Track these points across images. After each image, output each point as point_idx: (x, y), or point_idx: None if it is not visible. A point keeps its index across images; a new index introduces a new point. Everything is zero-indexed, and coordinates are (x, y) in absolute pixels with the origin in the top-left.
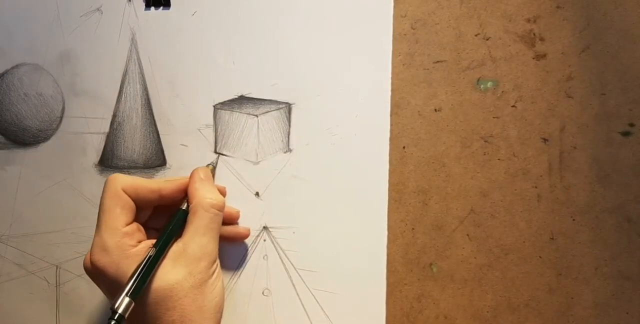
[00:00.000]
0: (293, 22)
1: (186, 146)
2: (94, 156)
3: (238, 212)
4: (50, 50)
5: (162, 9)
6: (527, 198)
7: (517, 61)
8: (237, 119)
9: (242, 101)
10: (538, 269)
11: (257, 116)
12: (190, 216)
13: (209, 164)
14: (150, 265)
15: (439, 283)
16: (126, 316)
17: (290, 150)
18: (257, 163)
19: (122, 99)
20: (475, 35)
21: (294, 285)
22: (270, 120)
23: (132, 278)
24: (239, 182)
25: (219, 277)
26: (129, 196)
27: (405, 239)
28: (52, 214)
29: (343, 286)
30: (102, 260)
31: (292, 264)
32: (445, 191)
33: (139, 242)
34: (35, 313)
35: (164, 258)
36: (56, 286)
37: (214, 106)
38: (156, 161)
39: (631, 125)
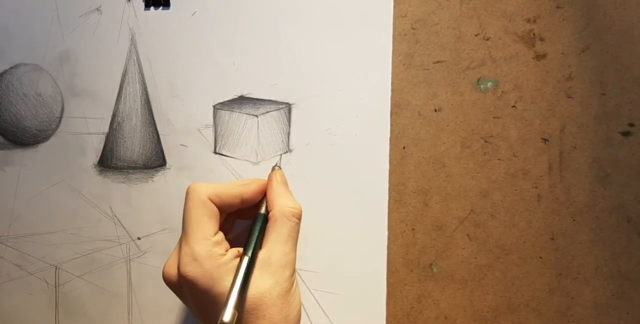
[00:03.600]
0: (293, 22)
1: (186, 146)
2: (94, 156)
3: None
4: (49, 50)
5: (162, 9)
6: (527, 198)
7: (517, 61)
8: (237, 119)
9: (242, 101)
10: (538, 270)
11: (257, 116)
12: (271, 223)
13: (276, 165)
14: (247, 272)
15: (439, 283)
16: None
17: (290, 150)
18: (257, 163)
19: (122, 99)
20: (475, 36)
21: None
22: (270, 120)
23: (235, 287)
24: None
25: (298, 286)
26: (214, 203)
27: (406, 239)
28: (51, 215)
29: (343, 287)
30: (194, 270)
31: None
32: (445, 191)
33: (226, 251)
34: (35, 314)
35: (253, 265)
36: (55, 287)
37: (213, 106)
38: (156, 161)
39: (631, 125)
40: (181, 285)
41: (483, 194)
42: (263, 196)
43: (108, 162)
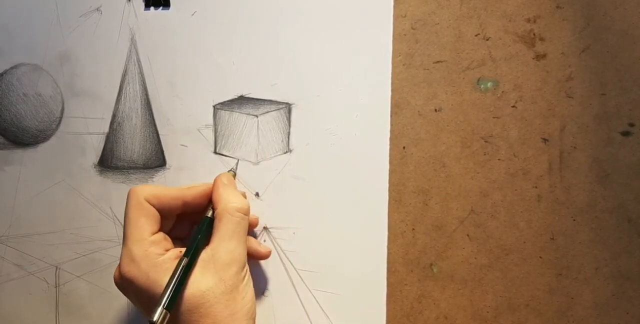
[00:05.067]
0: (293, 22)
1: (186, 146)
2: (94, 156)
3: (269, 252)
4: (49, 50)
5: (162, 9)
6: (528, 198)
7: (517, 61)
8: (237, 120)
9: (242, 101)
10: (538, 270)
11: (257, 116)
12: (216, 222)
13: (230, 170)
14: (183, 275)
15: (439, 283)
16: None
17: (290, 150)
18: (257, 163)
19: (122, 99)
20: (475, 36)
21: (294, 285)
22: (270, 120)
23: (167, 289)
24: (238, 182)
25: (249, 282)
26: (153, 205)
27: (406, 239)
28: (51, 215)
29: (343, 287)
30: (132, 271)
31: (292, 265)
32: (445, 191)
33: (167, 250)
34: (35, 314)
35: (193, 265)
36: (56, 287)
37: (213, 106)
38: (156, 161)
39: (631, 125)
40: (124, 285)
41: (483, 194)
42: (210, 200)
43: (108, 162)
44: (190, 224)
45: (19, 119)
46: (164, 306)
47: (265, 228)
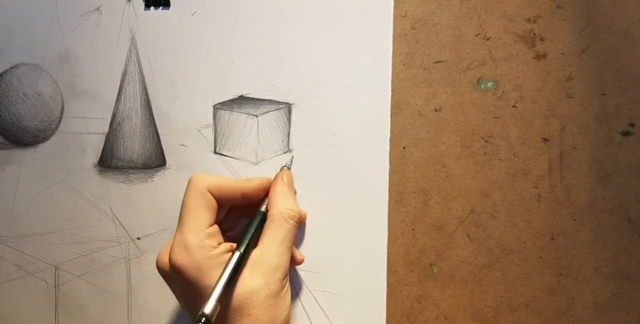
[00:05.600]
0: (293, 22)
1: (186, 146)
2: (93, 156)
3: (303, 258)
4: (49, 50)
5: (162, 9)
6: (528, 198)
7: (517, 61)
8: (237, 119)
9: (241, 101)
10: (538, 270)
11: (257, 116)
12: (268, 223)
13: (285, 165)
14: (236, 268)
15: (440, 284)
16: (213, 320)
17: (290, 150)
18: (257, 163)
19: (122, 99)
20: (476, 35)
21: (293, 285)
22: (270, 120)
23: (221, 282)
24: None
25: (289, 290)
26: (213, 195)
27: (406, 239)
28: (51, 215)
29: (343, 287)
30: (184, 259)
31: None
32: (445, 191)
33: (219, 244)
34: (35, 314)
35: (243, 264)
36: (55, 287)
37: (213, 106)
38: (156, 161)
39: (631, 125)
40: (171, 273)
41: (483, 194)
42: (266, 194)
43: (108, 162)
44: (238, 218)
45: (19, 119)
46: (218, 299)
47: None
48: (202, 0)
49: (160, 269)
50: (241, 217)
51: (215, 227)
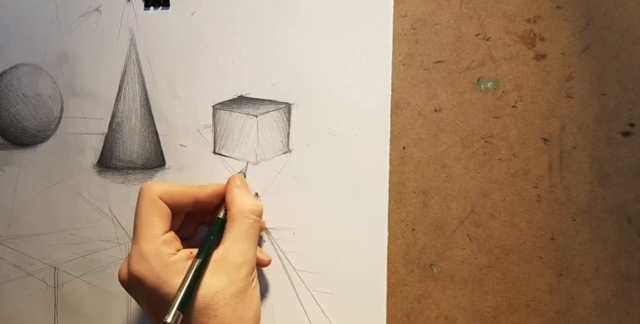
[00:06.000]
0: (293, 22)
1: (185, 146)
2: (93, 156)
3: (269, 260)
4: (49, 50)
5: (162, 9)
6: (528, 198)
7: (517, 61)
8: (237, 120)
9: (241, 101)
10: (538, 270)
11: (256, 116)
12: (229, 223)
13: (240, 171)
14: (197, 276)
15: (440, 284)
16: None
17: (289, 150)
18: (256, 163)
19: (121, 99)
20: (476, 36)
21: (293, 286)
22: (270, 120)
23: (181, 290)
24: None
25: (257, 286)
26: (165, 202)
27: (406, 239)
28: (50, 215)
29: (343, 287)
30: (142, 269)
31: (291, 265)
32: (445, 191)
33: (177, 250)
34: (34, 315)
35: (205, 266)
36: (54, 288)
37: (213, 106)
38: (155, 161)
39: (631, 125)
40: (131, 284)
41: (483, 194)
42: (222, 201)
43: (107, 162)
44: (196, 225)
45: (18, 119)
46: (178, 307)
47: (265, 229)
48: (201, 0)
49: (122, 281)
50: (200, 224)
51: (171, 234)
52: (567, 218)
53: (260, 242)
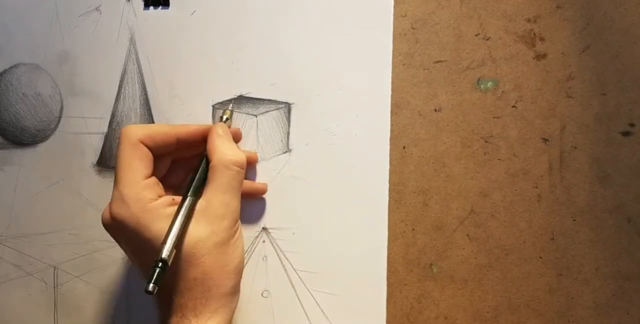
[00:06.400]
0: (293, 22)
1: None
2: (93, 156)
3: (265, 185)
4: (48, 50)
5: (161, 9)
6: (528, 198)
7: (517, 61)
8: (237, 119)
9: (241, 100)
10: (538, 270)
11: (256, 115)
12: (211, 174)
13: (223, 117)
14: (190, 214)
15: (439, 284)
16: (169, 263)
17: (289, 150)
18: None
19: (121, 99)
20: (476, 35)
21: (293, 286)
22: (270, 120)
23: (175, 226)
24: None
25: (241, 237)
26: (147, 146)
27: (406, 239)
28: (50, 215)
29: (343, 287)
30: (122, 213)
31: (291, 265)
32: (445, 191)
33: (159, 196)
34: (33, 314)
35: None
36: (54, 287)
37: (213, 106)
38: None
39: (631, 125)
40: (113, 227)
41: (483, 194)
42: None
43: (107, 162)
44: (184, 173)
45: (18, 119)
46: (173, 244)
47: (264, 229)
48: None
49: (105, 224)
50: (190, 170)
51: (153, 180)
52: (567, 218)
53: (260, 242)
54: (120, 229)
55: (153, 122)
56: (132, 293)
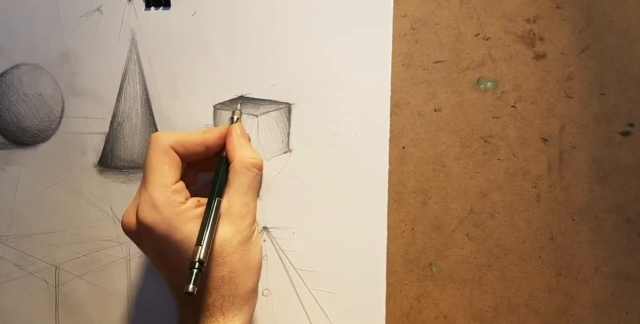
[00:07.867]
0: (293, 22)
1: None
2: (94, 156)
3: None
4: (50, 50)
5: (162, 9)
6: (527, 198)
7: (517, 61)
8: None
9: (242, 101)
10: (538, 269)
11: (257, 116)
12: (231, 175)
13: (234, 118)
14: (217, 214)
15: (439, 283)
16: (205, 263)
17: (290, 150)
18: None
19: (122, 99)
20: (475, 35)
21: (293, 285)
22: (270, 120)
23: (208, 227)
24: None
25: (259, 235)
26: (177, 152)
27: (405, 239)
28: (51, 215)
29: (343, 286)
30: (152, 216)
31: (291, 265)
32: (445, 191)
33: (186, 199)
34: (35, 314)
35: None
36: (55, 287)
37: (214, 106)
38: None
39: (631, 125)
40: (140, 232)
41: (482, 194)
42: (222, 148)
43: (108, 162)
44: (196, 172)
45: (19, 119)
46: (209, 244)
47: (265, 228)
48: (202, 0)
49: (127, 230)
50: (200, 170)
51: (181, 184)
52: (567, 218)
53: (260, 241)
54: (147, 233)
55: (154, 122)
56: (133, 292)
